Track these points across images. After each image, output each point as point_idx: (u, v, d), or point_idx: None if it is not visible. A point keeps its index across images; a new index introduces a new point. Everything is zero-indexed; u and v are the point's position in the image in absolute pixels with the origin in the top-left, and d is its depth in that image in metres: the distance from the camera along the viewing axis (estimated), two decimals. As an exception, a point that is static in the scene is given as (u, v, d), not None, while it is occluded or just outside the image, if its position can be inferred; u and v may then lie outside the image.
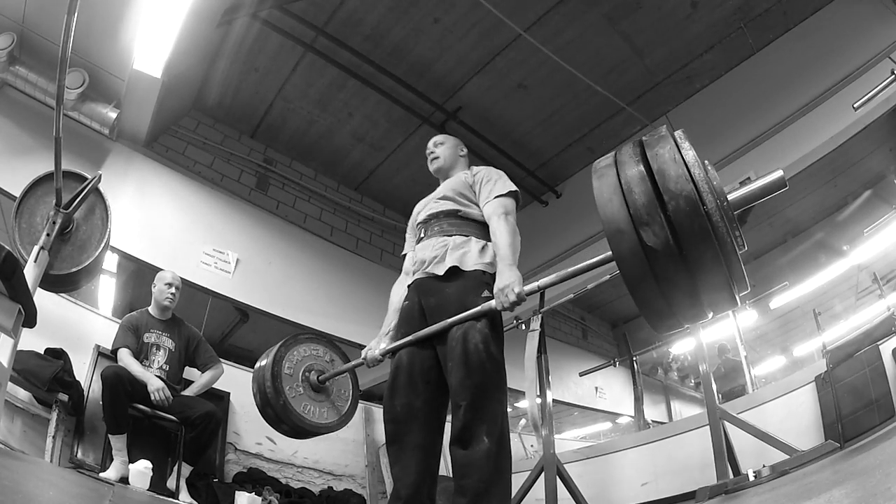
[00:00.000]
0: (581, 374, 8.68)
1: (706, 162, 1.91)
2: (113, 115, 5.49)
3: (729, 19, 6.06)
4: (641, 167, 1.86)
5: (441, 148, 3.43)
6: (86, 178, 3.79)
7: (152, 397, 4.11)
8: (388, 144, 7.61)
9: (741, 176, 5.81)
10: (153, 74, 5.19)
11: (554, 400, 5.36)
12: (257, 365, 3.42)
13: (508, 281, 2.55)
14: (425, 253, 2.93)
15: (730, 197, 1.94)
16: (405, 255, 3.24)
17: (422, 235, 3.07)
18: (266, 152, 7.58)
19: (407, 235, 3.36)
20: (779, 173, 2.00)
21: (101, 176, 3.84)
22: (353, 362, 3.39)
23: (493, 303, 2.56)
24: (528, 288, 2.55)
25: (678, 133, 1.93)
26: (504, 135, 7.43)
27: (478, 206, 3.04)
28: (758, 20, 6.04)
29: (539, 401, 5.24)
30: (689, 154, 1.84)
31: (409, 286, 3.02)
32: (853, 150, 5.94)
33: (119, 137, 5.91)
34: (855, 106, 3.91)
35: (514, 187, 3.02)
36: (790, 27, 6.05)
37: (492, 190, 2.99)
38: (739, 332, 6.60)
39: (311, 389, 3.43)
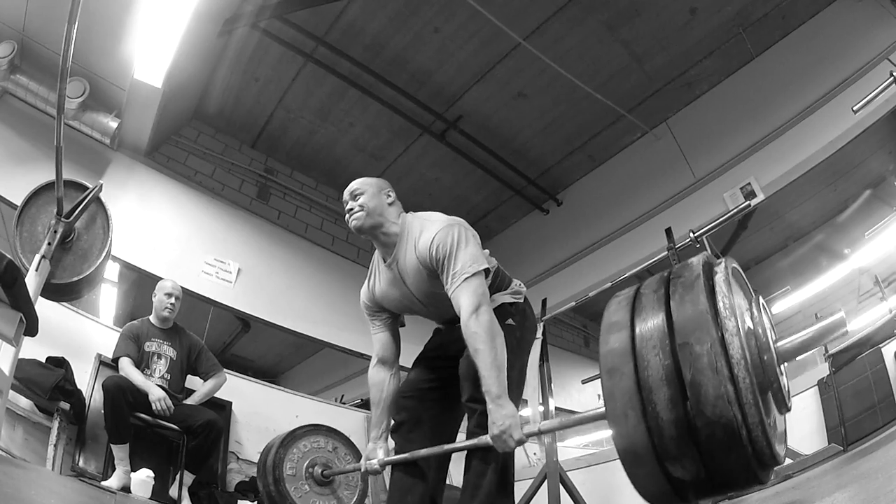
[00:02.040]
0: (583, 382, 8.61)
1: (753, 310, 1.56)
2: (114, 124, 5.51)
3: (728, 25, 6.07)
4: (671, 375, 1.41)
5: (362, 199, 2.76)
6: (87, 188, 3.82)
7: (153, 407, 4.10)
8: (388, 154, 7.61)
9: (742, 182, 5.83)
10: (154, 84, 5.20)
11: (556, 407, 5.35)
12: (259, 463, 3.38)
13: (503, 425, 2.19)
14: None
15: (781, 349, 1.57)
16: (374, 336, 3.03)
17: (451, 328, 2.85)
18: (267, 162, 7.60)
19: (370, 318, 3.06)
20: (840, 315, 1.55)
21: (102, 185, 3.87)
22: (353, 467, 3.33)
23: (487, 439, 2.25)
24: (527, 430, 2.20)
25: (719, 281, 1.48)
26: (504, 143, 7.44)
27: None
28: (756, 25, 6.05)
29: (542, 408, 5.24)
30: (735, 344, 1.38)
31: (436, 328, 3.00)
32: (853, 153, 5.94)
33: (120, 147, 5.94)
34: (854, 109, 3.90)
35: (477, 259, 2.52)
36: (789, 32, 6.05)
37: (454, 274, 2.48)
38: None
39: (315, 485, 3.38)
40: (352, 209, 2.75)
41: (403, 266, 2.71)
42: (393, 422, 2.80)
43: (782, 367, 1.57)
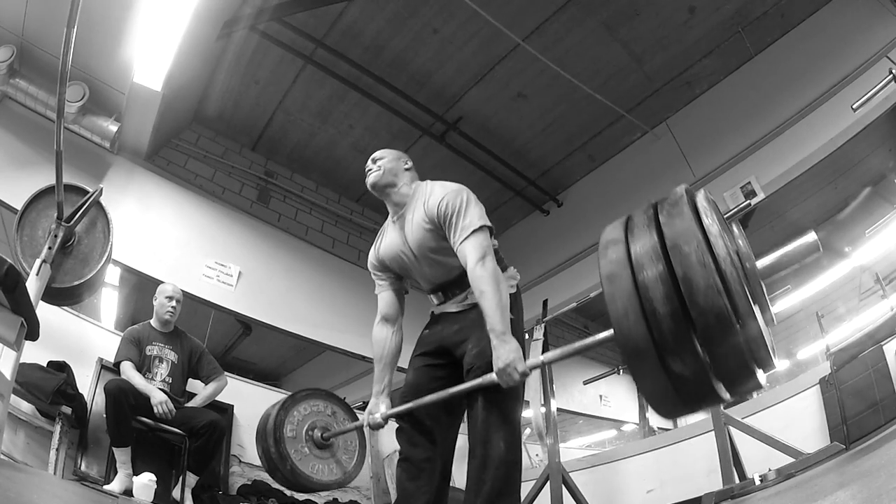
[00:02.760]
0: (585, 383, 8.67)
1: (732, 226, 1.71)
2: (114, 128, 5.52)
3: (727, 24, 6.07)
4: (665, 274, 1.56)
5: (380, 162, 3.04)
6: (87, 192, 3.82)
7: (155, 410, 4.11)
8: (389, 156, 7.60)
9: (742, 181, 5.83)
10: (153, 87, 5.21)
11: (558, 409, 5.36)
12: (259, 427, 3.40)
13: (508, 359, 2.33)
14: (449, 307, 2.89)
15: (760, 266, 1.74)
16: (379, 294, 3.12)
17: (441, 300, 2.95)
18: (267, 165, 7.59)
19: (375, 277, 3.17)
20: (812, 237, 1.76)
21: (102, 189, 3.86)
22: (355, 424, 3.37)
23: (493, 377, 2.37)
24: (530, 363, 2.36)
25: (701, 201, 1.69)
26: (505, 144, 7.44)
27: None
28: (756, 23, 6.05)
29: (544, 410, 5.24)
30: (710, 220, 1.59)
31: (432, 313, 3.01)
32: (853, 150, 5.92)
33: (120, 151, 5.94)
34: (854, 107, 3.90)
35: (483, 217, 2.72)
36: (788, 30, 6.05)
37: (462, 227, 2.67)
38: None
39: (315, 448, 3.40)
40: (370, 169, 3.02)
41: (409, 222, 2.90)
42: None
43: (763, 284, 1.72)
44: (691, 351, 1.50)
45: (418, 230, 2.84)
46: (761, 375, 1.59)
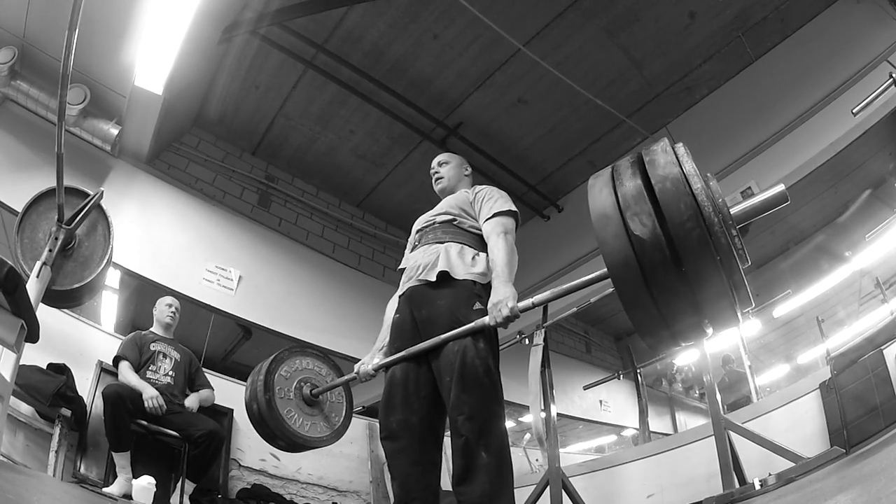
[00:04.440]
0: (585, 388, 8.64)
1: (708, 175, 1.82)
2: (114, 131, 5.53)
3: (727, 29, 6.09)
4: (638, 176, 1.80)
5: (445, 168, 3.41)
6: (88, 195, 3.81)
7: (146, 405, 4.11)
8: (389, 161, 7.63)
9: (742, 186, 5.83)
10: (154, 91, 5.21)
11: (558, 414, 5.34)
12: (259, 364, 3.43)
13: (502, 296, 2.50)
14: (418, 259, 2.92)
15: (732, 211, 1.84)
16: (402, 269, 3.17)
17: (416, 244, 3.07)
18: (268, 169, 7.60)
19: (406, 251, 3.30)
20: (780, 188, 1.89)
21: (102, 192, 3.86)
22: (345, 377, 3.35)
23: (486, 318, 2.51)
24: (521, 304, 2.49)
25: (678, 145, 1.87)
26: (505, 150, 7.45)
27: (476, 219, 3.02)
28: (756, 28, 6.06)
29: (543, 415, 5.22)
30: (688, 165, 1.75)
31: (399, 297, 3.01)
32: (853, 155, 5.94)
33: (121, 154, 5.95)
34: (854, 111, 3.90)
35: (514, 207, 2.98)
36: (788, 34, 6.07)
37: (492, 207, 2.95)
38: (743, 341, 6.56)
39: (302, 401, 3.41)
40: (437, 172, 3.43)
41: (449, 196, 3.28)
42: (379, 426, 2.79)
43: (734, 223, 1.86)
44: (649, 215, 1.69)
45: (456, 196, 3.21)
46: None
